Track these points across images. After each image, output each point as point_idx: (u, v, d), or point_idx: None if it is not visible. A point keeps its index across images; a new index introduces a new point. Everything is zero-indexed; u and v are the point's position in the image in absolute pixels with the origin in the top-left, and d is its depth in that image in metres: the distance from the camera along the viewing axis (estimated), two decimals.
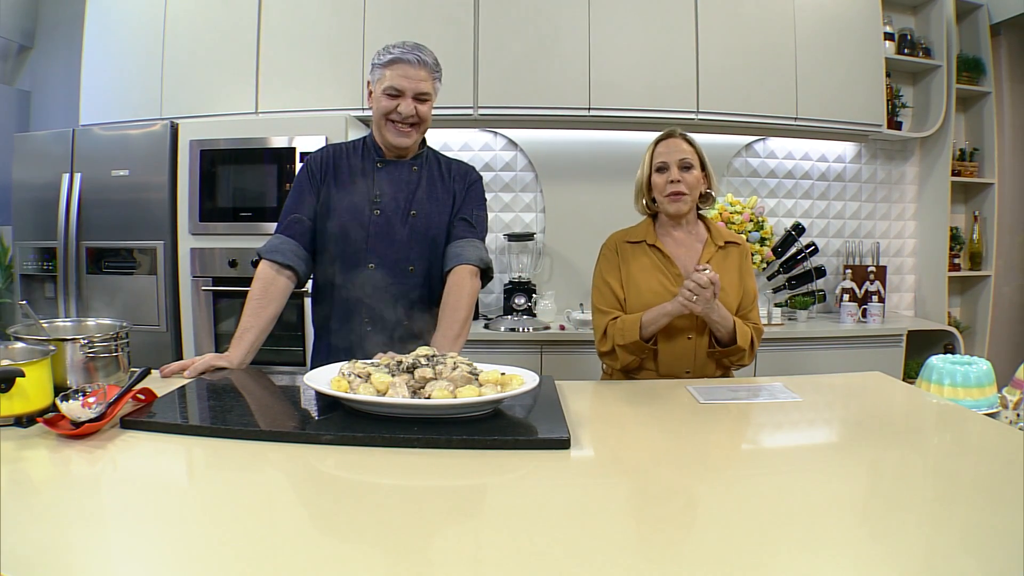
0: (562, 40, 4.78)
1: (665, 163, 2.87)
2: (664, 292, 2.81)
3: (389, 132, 2.71)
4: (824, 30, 5.00)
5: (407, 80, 2.64)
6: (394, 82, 2.64)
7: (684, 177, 2.84)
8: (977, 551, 1.19)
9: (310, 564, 1.13)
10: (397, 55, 2.63)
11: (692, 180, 2.85)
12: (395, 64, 2.64)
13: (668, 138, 2.92)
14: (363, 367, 2.01)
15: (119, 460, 1.64)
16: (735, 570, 1.12)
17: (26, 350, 2.02)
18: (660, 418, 2.13)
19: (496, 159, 5.29)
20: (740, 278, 2.92)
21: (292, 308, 4.35)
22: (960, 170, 5.54)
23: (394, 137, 2.71)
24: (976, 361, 2.41)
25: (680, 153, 2.86)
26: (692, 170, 2.86)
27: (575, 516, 1.39)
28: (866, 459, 1.75)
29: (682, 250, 2.93)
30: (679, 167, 2.85)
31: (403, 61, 2.63)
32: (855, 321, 5.14)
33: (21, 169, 4.71)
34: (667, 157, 2.87)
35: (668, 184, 2.85)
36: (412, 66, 2.64)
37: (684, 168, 2.85)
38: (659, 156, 2.90)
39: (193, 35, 4.85)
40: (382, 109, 2.68)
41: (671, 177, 2.85)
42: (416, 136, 2.76)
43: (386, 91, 2.65)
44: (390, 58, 2.64)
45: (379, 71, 2.67)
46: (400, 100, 2.65)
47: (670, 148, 2.89)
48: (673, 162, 2.85)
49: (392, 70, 2.64)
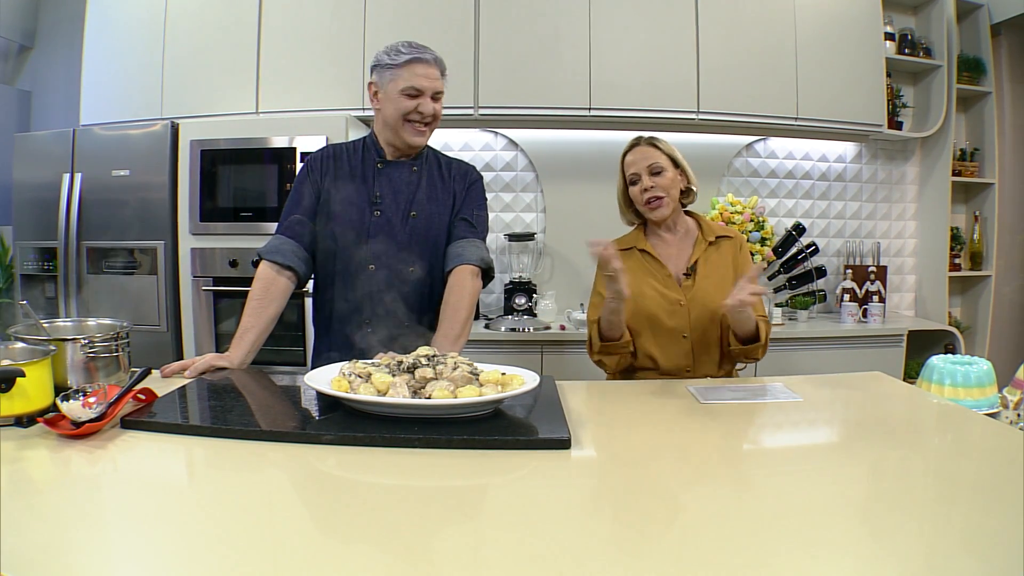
0: (563, 40, 4.78)
1: (636, 173, 2.90)
2: (657, 296, 2.84)
3: (407, 132, 2.71)
4: (825, 30, 5.00)
5: (427, 80, 2.65)
6: (414, 82, 2.64)
7: (657, 181, 2.86)
8: (977, 551, 1.19)
9: (310, 564, 1.13)
10: (414, 55, 2.63)
11: (666, 182, 2.86)
12: (413, 64, 2.63)
13: (634, 147, 2.94)
14: (364, 367, 2.01)
15: (119, 460, 1.64)
16: (736, 570, 1.12)
17: (26, 350, 2.03)
18: (661, 418, 2.13)
19: (497, 159, 5.29)
20: (735, 271, 2.90)
21: (292, 308, 4.35)
22: (960, 170, 5.54)
23: (412, 136, 2.72)
24: (977, 361, 2.41)
25: (647, 159, 2.87)
26: (664, 172, 2.86)
27: (576, 516, 1.39)
28: (867, 459, 1.75)
29: (673, 251, 2.95)
30: (649, 173, 2.86)
31: (421, 60, 2.64)
32: (856, 321, 5.14)
33: (22, 169, 4.71)
34: (636, 167, 2.89)
35: (643, 193, 2.87)
36: (429, 65, 2.65)
37: (655, 173, 2.86)
38: (629, 168, 2.92)
39: (194, 35, 4.85)
40: (401, 109, 2.67)
41: (644, 185, 2.87)
42: (430, 134, 2.78)
43: (405, 91, 2.65)
44: (407, 58, 2.63)
45: (393, 71, 2.66)
46: (420, 100, 2.66)
47: (637, 157, 2.91)
48: (642, 170, 2.87)
49: (410, 70, 2.64)
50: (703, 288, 2.84)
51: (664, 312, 2.81)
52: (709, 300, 2.80)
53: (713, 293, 2.79)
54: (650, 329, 2.83)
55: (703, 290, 2.83)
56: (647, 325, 2.82)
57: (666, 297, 2.82)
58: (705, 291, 2.83)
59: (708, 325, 2.82)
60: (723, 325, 2.82)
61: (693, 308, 2.81)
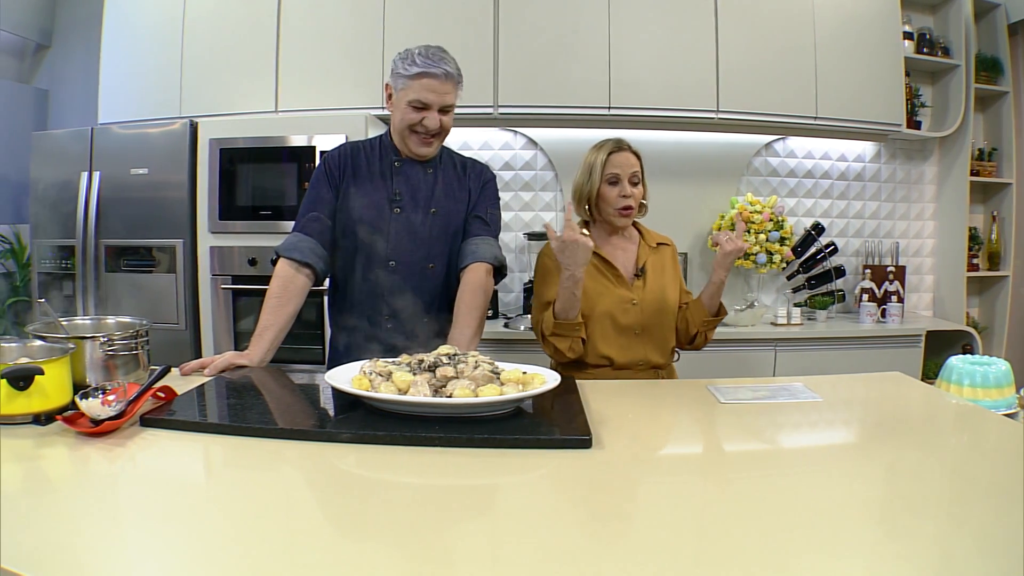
0: (582, 39, 4.76)
1: (618, 176, 2.91)
2: (607, 293, 2.89)
3: (412, 142, 2.72)
4: (843, 29, 4.97)
5: (434, 95, 2.63)
6: (420, 95, 2.62)
7: (634, 192, 2.91)
8: (994, 552, 1.19)
9: (328, 562, 1.13)
10: (424, 68, 2.60)
11: (639, 195, 2.95)
12: (422, 77, 2.61)
13: (620, 151, 2.95)
14: (384, 366, 2.01)
15: (138, 458, 1.64)
16: (754, 569, 1.12)
17: (45, 348, 2.04)
18: (681, 418, 2.14)
19: (516, 158, 5.28)
20: (676, 275, 3.06)
21: (311, 306, 4.34)
22: (979, 170, 5.51)
23: (417, 147, 2.72)
24: (995, 362, 2.39)
25: (631, 167, 2.92)
26: (638, 186, 2.94)
27: (596, 516, 1.39)
28: (885, 459, 1.75)
29: (619, 252, 3.01)
30: (630, 182, 2.91)
31: (430, 75, 2.60)
32: (874, 321, 5.11)
33: (39, 167, 4.72)
34: (620, 171, 2.91)
35: (620, 198, 2.91)
36: (439, 80, 2.61)
37: (634, 184, 2.92)
38: (612, 167, 2.92)
39: (212, 34, 4.86)
40: (407, 120, 2.67)
41: (623, 192, 2.90)
42: (438, 144, 2.77)
43: (411, 103, 2.63)
44: (417, 71, 2.60)
45: (404, 81, 2.64)
46: (426, 113, 2.64)
47: (623, 162, 2.93)
48: (625, 176, 2.91)
49: (419, 83, 2.61)
50: (653, 288, 2.94)
51: (618, 311, 2.87)
52: (659, 298, 2.93)
53: (661, 292, 2.95)
54: (604, 328, 2.87)
55: (652, 290, 2.93)
56: (601, 324, 2.86)
57: (620, 296, 2.89)
58: (654, 291, 2.93)
59: (659, 320, 2.92)
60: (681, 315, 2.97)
61: (645, 306, 2.90)
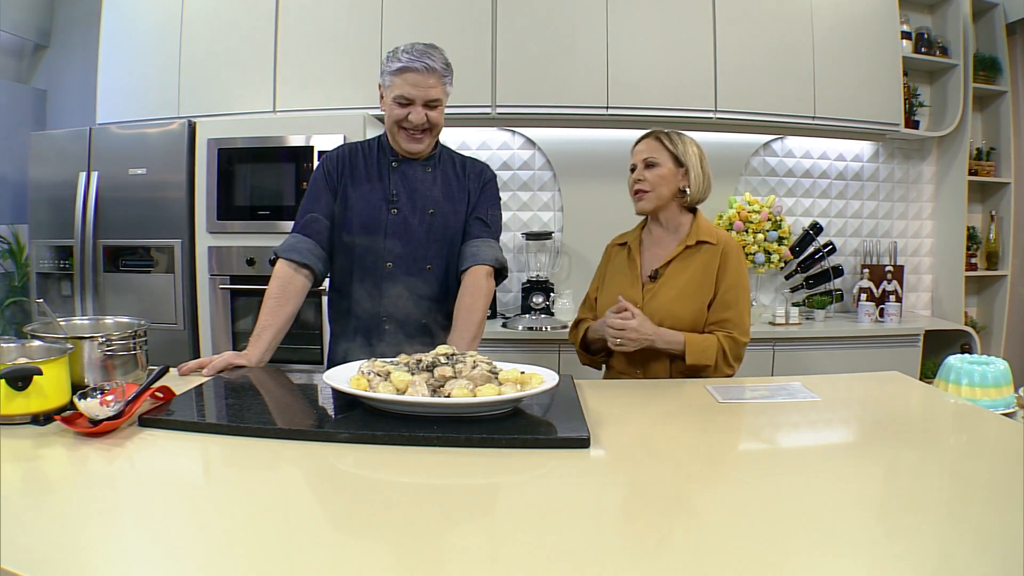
0: (580, 39, 4.77)
1: (634, 163, 2.92)
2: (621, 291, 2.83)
3: (402, 139, 2.72)
4: (841, 29, 4.97)
5: (416, 89, 2.62)
6: (403, 91, 2.62)
7: (647, 175, 2.86)
8: (994, 551, 1.19)
9: (327, 562, 1.13)
10: (405, 63, 2.60)
11: (655, 178, 2.85)
12: (403, 72, 2.61)
13: (641, 140, 2.96)
14: (383, 365, 2.01)
15: (136, 458, 1.64)
16: (752, 568, 1.12)
17: (44, 348, 2.04)
18: (679, 417, 2.13)
19: (514, 158, 5.28)
20: (708, 279, 2.81)
21: (310, 307, 4.35)
22: (977, 169, 5.51)
23: (407, 144, 2.72)
24: (993, 361, 2.39)
25: (645, 152, 2.89)
26: (657, 167, 2.86)
27: (595, 516, 1.39)
28: (884, 459, 1.75)
29: (655, 249, 2.94)
30: (643, 165, 2.88)
31: (411, 69, 2.60)
32: (872, 321, 5.11)
33: (38, 168, 4.73)
34: (636, 158, 2.92)
35: (634, 183, 2.91)
36: (420, 74, 2.61)
37: (648, 166, 2.87)
38: (632, 158, 2.94)
39: (211, 34, 4.86)
40: (393, 117, 2.68)
41: (637, 175, 2.89)
42: (429, 141, 2.76)
43: (396, 99, 2.64)
44: (398, 66, 2.61)
45: (389, 78, 2.65)
46: (411, 108, 2.64)
47: (640, 148, 2.93)
48: (639, 161, 2.90)
49: (401, 78, 2.62)
50: (661, 295, 2.81)
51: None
52: (662, 307, 2.78)
53: (669, 302, 2.78)
54: None
55: (660, 297, 2.81)
56: None
57: (628, 298, 2.75)
58: (661, 299, 2.80)
59: None
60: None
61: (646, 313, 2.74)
